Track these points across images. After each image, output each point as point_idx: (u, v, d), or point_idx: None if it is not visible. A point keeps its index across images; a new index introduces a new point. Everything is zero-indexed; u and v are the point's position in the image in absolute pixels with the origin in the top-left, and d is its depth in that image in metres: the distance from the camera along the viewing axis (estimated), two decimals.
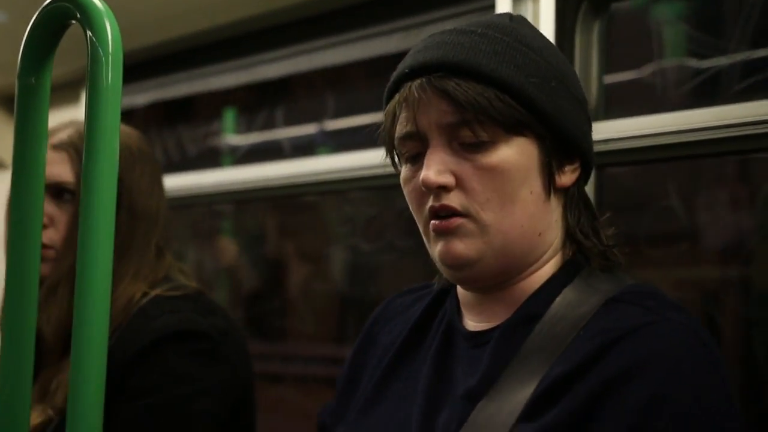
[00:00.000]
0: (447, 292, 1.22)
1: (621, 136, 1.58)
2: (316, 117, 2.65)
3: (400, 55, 1.92)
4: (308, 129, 2.71)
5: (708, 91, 1.70)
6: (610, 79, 1.71)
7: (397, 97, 1.10)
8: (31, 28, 1.00)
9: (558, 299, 1.08)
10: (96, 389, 0.91)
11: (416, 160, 1.10)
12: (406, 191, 1.12)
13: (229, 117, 2.93)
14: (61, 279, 1.52)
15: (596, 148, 1.60)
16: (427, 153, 1.07)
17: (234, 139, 2.91)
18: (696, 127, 1.49)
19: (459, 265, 1.08)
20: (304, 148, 2.64)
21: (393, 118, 1.11)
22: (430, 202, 1.07)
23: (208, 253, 3.13)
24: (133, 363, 1.46)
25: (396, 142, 1.11)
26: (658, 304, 1.04)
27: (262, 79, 2.25)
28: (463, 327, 1.15)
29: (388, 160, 1.16)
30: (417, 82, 1.07)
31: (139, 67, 2.41)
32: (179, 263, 1.66)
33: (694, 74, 1.76)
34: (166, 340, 1.48)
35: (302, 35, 2.09)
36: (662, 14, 1.89)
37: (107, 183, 0.97)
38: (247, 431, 1.64)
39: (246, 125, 2.82)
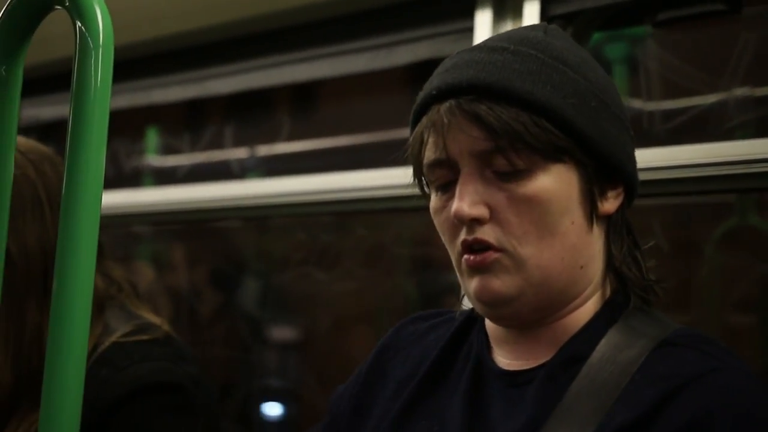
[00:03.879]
0: (472, 322, 1.14)
1: None
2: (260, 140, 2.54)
3: (368, 75, 1.88)
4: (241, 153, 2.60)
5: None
6: None
7: (424, 120, 1.02)
8: (6, 10, 0.89)
9: (603, 341, 1.01)
10: None
11: (447, 188, 1.03)
12: (436, 222, 1.05)
13: (152, 136, 2.79)
14: (24, 294, 1.33)
15: None
16: (459, 182, 1.00)
17: (161, 159, 2.77)
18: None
19: (496, 303, 1.01)
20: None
21: (420, 143, 1.03)
22: (462, 235, 1.00)
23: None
24: (104, 418, 1.31)
25: (424, 169, 1.04)
26: (715, 348, 0.99)
27: (208, 94, 2.10)
28: (495, 364, 1.07)
29: (416, 187, 1.09)
30: (445, 105, 0.99)
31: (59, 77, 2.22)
32: (130, 282, 1.49)
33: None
34: (139, 393, 1.33)
35: (263, 49, 1.97)
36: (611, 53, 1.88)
37: (93, 190, 0.85)
38: None
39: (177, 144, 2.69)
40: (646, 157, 1.49)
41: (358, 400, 1.17)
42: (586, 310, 1.05)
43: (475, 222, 0.99)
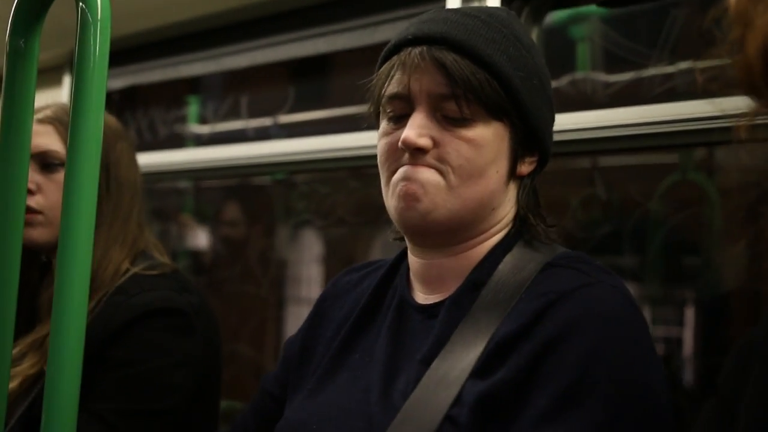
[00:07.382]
0: (397, 267, 1.28)
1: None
2: (273, 109, 2.78)
3: (351, 52, 2.10)
4: (265, 121, 2.87)
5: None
6: None
7: (395, 59, 1.16)
8: None
9: (500, 267, 1.15)
10: (74, 355, 0.90)
11: (399, 120, 1.16)
12: (381, 143, 1.18)
13: (193, 105, 3.07)
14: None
15: None
16: (413, 115, 1.14)
17: (197, 127, 3.06)
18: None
19: (411, 205, 1.13)
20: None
21: (387, 77, 1.16)
22: (405, 161, 1.13)
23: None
24: (114, 336, 1.53)
25: (383, 100, 1.17)
26: (590, 267, 1.12)
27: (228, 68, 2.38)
28: (414, 300, 1.21)
29: (372, 114, 1.22)
30: (418, 49, 1.13)
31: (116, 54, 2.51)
32: (155, 240, 1.75)
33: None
34: (146, 316, 1.55)
35: (263, 31, 2.23)
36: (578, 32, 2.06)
37: (92, 150, 0.93)
38: (214, 402, 1.73)
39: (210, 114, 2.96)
40: (588, 119, 1.70)
41: (304, 342, 1.33)
42: (489, 245, 1.18)
43: (418, 151, 1.12)
